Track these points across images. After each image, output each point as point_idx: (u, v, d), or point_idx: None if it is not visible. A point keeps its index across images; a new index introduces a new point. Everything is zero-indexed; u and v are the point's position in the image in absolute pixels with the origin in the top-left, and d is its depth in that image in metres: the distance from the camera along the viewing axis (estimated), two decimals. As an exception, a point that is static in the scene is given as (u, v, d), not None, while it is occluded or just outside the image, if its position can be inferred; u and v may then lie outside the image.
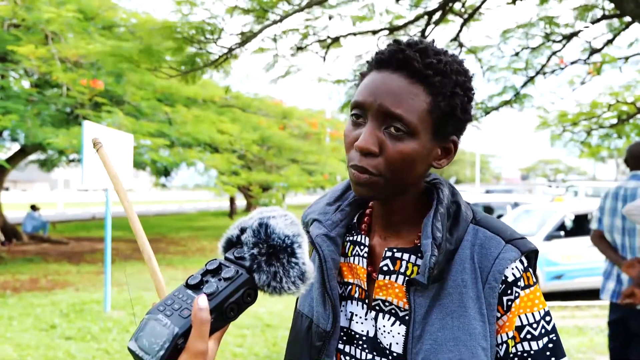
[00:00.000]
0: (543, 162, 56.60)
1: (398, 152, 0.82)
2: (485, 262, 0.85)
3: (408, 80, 0.82)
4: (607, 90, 6.59)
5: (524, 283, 0.86)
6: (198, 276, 0.75)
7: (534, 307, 0.86)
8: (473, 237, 0.88)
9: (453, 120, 0.86)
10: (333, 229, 0.95)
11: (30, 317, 5.97)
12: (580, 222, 8.09)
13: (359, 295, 0.93)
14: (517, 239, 0.87)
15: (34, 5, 8.65)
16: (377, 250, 0.94)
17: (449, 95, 0.83)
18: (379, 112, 0.82)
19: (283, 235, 0.75)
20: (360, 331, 0.91)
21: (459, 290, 0.84)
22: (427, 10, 4.41)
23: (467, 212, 0.91)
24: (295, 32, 4.22)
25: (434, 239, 0.84)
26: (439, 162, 0.89)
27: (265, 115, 13.62)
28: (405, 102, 0.81)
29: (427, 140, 0.84)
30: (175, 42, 3.94)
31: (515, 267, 0.85)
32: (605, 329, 5.53)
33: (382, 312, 0.90)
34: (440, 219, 0.86)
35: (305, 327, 0.95)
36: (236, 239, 0.79)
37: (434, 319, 0.84)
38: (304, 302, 0.99)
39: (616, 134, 7.30)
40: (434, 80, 0.82)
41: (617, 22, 4.93)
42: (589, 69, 5.93)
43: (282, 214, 0.78)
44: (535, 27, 5.00)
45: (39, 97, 9.88)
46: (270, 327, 5.71)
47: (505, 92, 5.53)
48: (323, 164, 15.43)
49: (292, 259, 0.75)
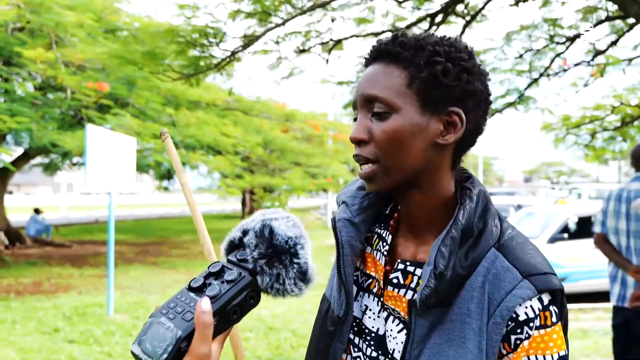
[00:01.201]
0: (546, 165, 56.53)
1: (382, 131, 0.81)
2: (496, 295, 0.79)
3: (384, 65, 0.84)
4: (611, 92, 6.58)
5: (539, 322, 0.78)
6: (201, 279, 0.75)
7: (546, 350, 0.79)
8: (490, 263, 0.81)
9: (439, 87, 0.81)
10: (359, 214, 0.92)
11: (33, 321, 5.97)
12: (584, 224, 8.06)
13: (376, 290, 0.91)
14: (538, 274, 0.79)
15: (40, 9, 8.69)
16: (397, 251, 0.91)
17: (424, 64, 0.80)
18: (362, 102, 0.85)
19: (286, 237, 0.75)
20: (371, 327, 0.90)
21: (462, 319, 0.80)
22: (429, 12, 4.41)
23: (494, 232, 0.83)
24: (298, 34, 4.22)
25: (435, 267, 0.78)
26: (444, 138, 0.82)
27: (268, 118, 13.63)
28: (380, 83, 0.82)
29: (414, 114, 0.81)
30: (179, 45, 3.94)
31: (530, 306, 0.78)
32: (609, 332, 5.50)
33: (392, 315, 0.88)
34: (449, 244, 0.79)
35: (324, 310, 0.95)
36: (238, 241, 0.78)
37: (432, 343, 0.81)
38: (329, 285, 0.99)
39: (620, 136, 7.28)
40: (406, 55, 0.82)
41: (621, 23, 4.91)
42: (592, 71, 5.92)
43: (284, 216, 0.78)
44: (538, 29, 4.99)
45: (43, 100, 9.91)
46: (273, 329, 5.70)
47: (508, 94, 5.52)
48: (326, 167, 15.43)
49: (294, 259, 0.74)
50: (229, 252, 0.79)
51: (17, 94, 9.80)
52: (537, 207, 10.18)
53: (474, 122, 0.85)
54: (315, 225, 22.52)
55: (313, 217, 28.86)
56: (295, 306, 6.81)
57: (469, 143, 0.87)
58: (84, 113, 9.34)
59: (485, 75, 0.86)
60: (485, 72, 0.86)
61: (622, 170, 40.69)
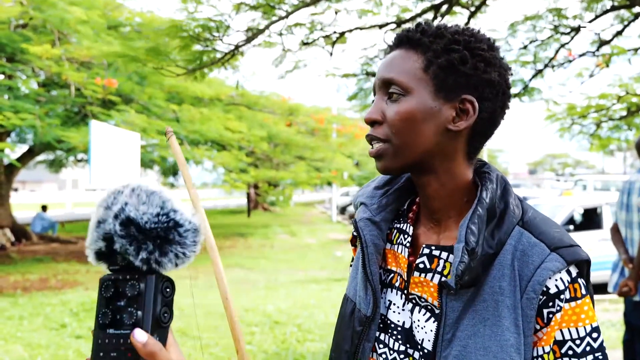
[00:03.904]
0: (551, 157, 56.33)
1: (395, 112, 0.83)
2: (526, 271, 0.79)
3: (404, 50, 0.86)
4: (617, 81, 6.53)
5: (569, 295, 0.79)
6: (107, 312, 0.67)
7: (578, 322, 0.80)
8: (517, 241, 0.82)
9: (455, 73, 0.82)
10: (378, 213, 0.93)
11: (40, 317, 6.01)
12: (590, 215, 8.03)
13: (399, 284, 0.91)
14: (564, 247, 0.80)
15: (44, 5, 8.69)
16: (420, 241, 0.91)
17: (442, 50, 0.82)
18: (379, 85, 0.87)
19: (153, 217, 0.67)
20: (397, 321, 0.89)
21: (495, 297, 0.80)
22: (434, 3, 4.38)
23: (516, 211, 0.85)
24: (302, 26, 4.20)
25: (467, 243, 0.79)
26: (455, 125, 0.83)
27: (272, 113, 13.62)
28: (397, 67, 0.85)
29: (427, 98, 0.82)
30: (182, 40, 3.93)
31: (560, 279, 0.79)
32: (615, 323, 5.51)
33: (418, 306, 0.87)
34: (477, 222, 0.80)
35: (349, 311, 0.94)
36: (106, 249, 0.69)
37: (465, 324, 0.81)
38: (350, 285, 0.98)
39: (626, 125, 7.23)
40: (425, 41, 0.84)
41: (627, 13, 4.87)
42: (597, 62, 5.88)
43: (129, 193, 0.69)
44: (543, 19, 4.95)
45: (47, 97, 9.93)
46: (279, 324, 5.71)
47: (513, 85, 5.47)
48: (330, 160, 15.43)
49: (179, 229, 0.68)
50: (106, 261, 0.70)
51: (20, 90, 9.82)
52: (543, 199, 10.15)
53: (489, 112, 0.85)
54: (320, 219, 22.54)
55: (318, 211, 28.90)
56: (301, 301, 6.83)
57: (483, 133, 0.87)
58: (88, 109, 9.35)
59: (506, 69, 0.86)
60: (507, 66, 0.87)
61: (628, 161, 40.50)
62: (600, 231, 7.48)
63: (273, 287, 7.98)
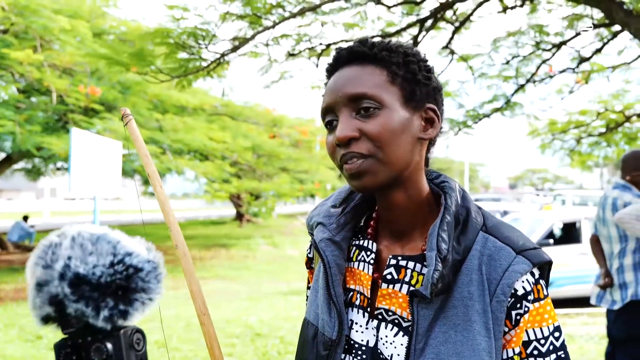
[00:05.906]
0: (531, 171, 57.11)
1: (377, 125, 0.81)
2: (494, 274, 0.81)
3: (360, 66, 0.85)
4: (596, 98, 6.67)
5: (534, 296, 0.82)
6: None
7: (542, 322, 0.82)
8: (482, 246, 0.83)
9: (419, 84, 0.85)
10: (338, 232, 0.91)
11: (14, 328, 5.86)
12: (569, 230, 8.13)
13: (360, 302, 0.89)
14: (529, 250, 0.83)
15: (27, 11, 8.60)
16: (383, 256, 0.90)
17: (402, 63, 0.84)
18: (345, 101, 0.83)
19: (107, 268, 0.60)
20: (360, 340, 0.87)
21: (465, 302, 0.81)
22: (419, 18, 4.43)
23: (477, 218, 0.86)
24: (288, 37, 4.21)
25: (439, 251, 0.80)
26: (426, 133, 0.86)
27: (256, 124, 13.61)
28: (365, 81, 0.83)
29: (400, 110, 0.83)
30: (168, 47, 3.91)
31: (526, 280, 0.81)
32: (594, 337, 5.56)
33: (384, 322, 0.86)
34: (446, 229, 0.82)
35: (311, 335, 0.91)
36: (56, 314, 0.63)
37: (437, 331, 0.80)
38: (310, 309, 0.95)
39: (605, 142, 7.38)
40: (382, 55, 0.84)
41: (606, 31, 4.99)
42: (577, 78, 6.00)
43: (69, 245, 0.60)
44: (525, 35, 5.05)
45: (27, 104, 9.79)
46: (260, 336, 5.65)
47: (496, 99, 5.57)
48: (314, 172, 15.43)
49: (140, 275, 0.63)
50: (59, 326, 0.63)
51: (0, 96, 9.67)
52: (523, 213, 10.25)
53: (443, 119, 0.89)
54: (302, 230, 22.46)
55: (300, 222, 28.81)
56: (283, 313, 6.77)
57: (436, 140, 0.90)
58: (69, 117, 9.24)
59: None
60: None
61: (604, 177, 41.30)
62: (580, 245, 7.58)
63: (255, 299, 7.92)
